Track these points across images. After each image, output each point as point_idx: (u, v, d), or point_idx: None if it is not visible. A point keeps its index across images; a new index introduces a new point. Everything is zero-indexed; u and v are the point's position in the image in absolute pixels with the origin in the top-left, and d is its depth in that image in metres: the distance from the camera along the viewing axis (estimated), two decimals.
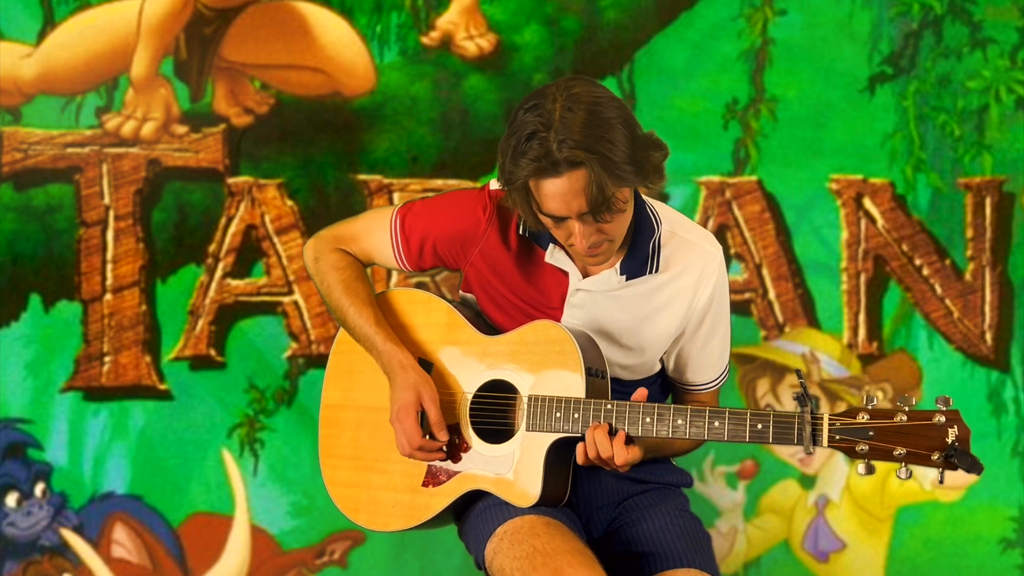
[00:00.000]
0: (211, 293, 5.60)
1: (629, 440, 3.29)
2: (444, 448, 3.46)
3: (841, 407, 5.59)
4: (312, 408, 5.52)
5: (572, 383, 3.34)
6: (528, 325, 3.42)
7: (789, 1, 5.64)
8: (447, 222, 3.51)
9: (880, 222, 5.65)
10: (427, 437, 3.46)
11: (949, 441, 3.09)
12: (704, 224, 5.54)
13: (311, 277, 3.65)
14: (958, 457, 3.08)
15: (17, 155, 5.57)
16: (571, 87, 3.23)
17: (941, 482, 3.13)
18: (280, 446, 5.59)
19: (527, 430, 3.37)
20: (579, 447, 3.33)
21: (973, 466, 3.07)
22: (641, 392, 3.32)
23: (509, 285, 3.47)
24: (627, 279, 3.41)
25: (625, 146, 3.20)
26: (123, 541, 5.57)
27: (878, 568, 5.63)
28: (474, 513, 3.46)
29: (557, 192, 3.21)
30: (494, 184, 3.47)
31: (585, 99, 3.21)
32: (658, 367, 3.54)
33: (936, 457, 3.10)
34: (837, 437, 3.15)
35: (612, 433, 3.30)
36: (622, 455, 3.28)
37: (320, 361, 5.55)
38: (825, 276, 5.67)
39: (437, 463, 3.48)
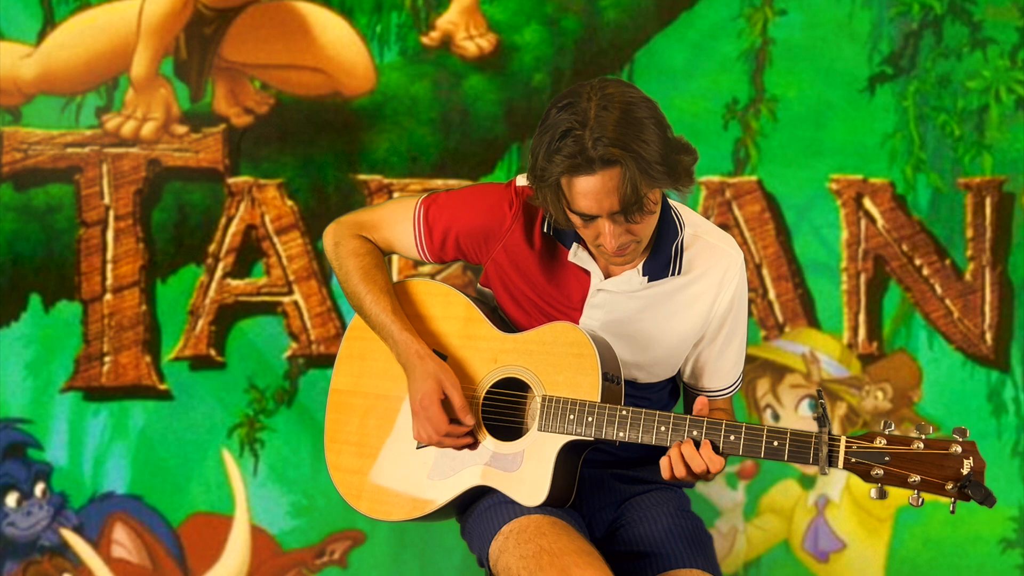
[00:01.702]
0: (211, 293, 5.60)
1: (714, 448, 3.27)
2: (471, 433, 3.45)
3: (841, 407, 5.60)
4: (312, 408, 5.51)
5: (588, 387, 3.33)
6: (547, 325, 3.42)
7: (789, 1, 5.65)
8: (472, 216, 3.51)
9: (880, 222, 5.66)
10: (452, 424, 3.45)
11: (964, 472, 3.09)
12: None
13: (330, 262, 3.64)
14: (972, 488, 3.07)
15: (17, 155, 5.57)
16: (605, 87, 3.24)
17: (952, 512, 3.13)
18: (280, 446, 5.59)
19: (539, 430, 3.37)
20: (664, 464, 3.30)
21: (987, 499, 3.07)
22: (702, 402, 3.31)
23: (530, 283, 3.46)
24: (649, 280, 3.41)
25: (658, 147, 3.21)
26: (123, 541, 5.57)
27: (878, 568, 5.63)
28: (478, 511, 3.45)
29: (590, 190, 3.21)
30: (520, 180, 3.47)
31: (619, 99, 3.22)
32: (675, 371, 3.53)
33: (950, 487, 3.10)
34: (853, 460, 3.15)
35: (697, 445, 3.27)
36: (716, 463, 3.26)
37: (320, 361, 5.55)
38: (825, 276, 5.67)
39: (443, 461, 3.48)
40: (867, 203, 5.66)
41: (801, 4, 5.65)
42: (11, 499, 5.56)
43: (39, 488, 5.56)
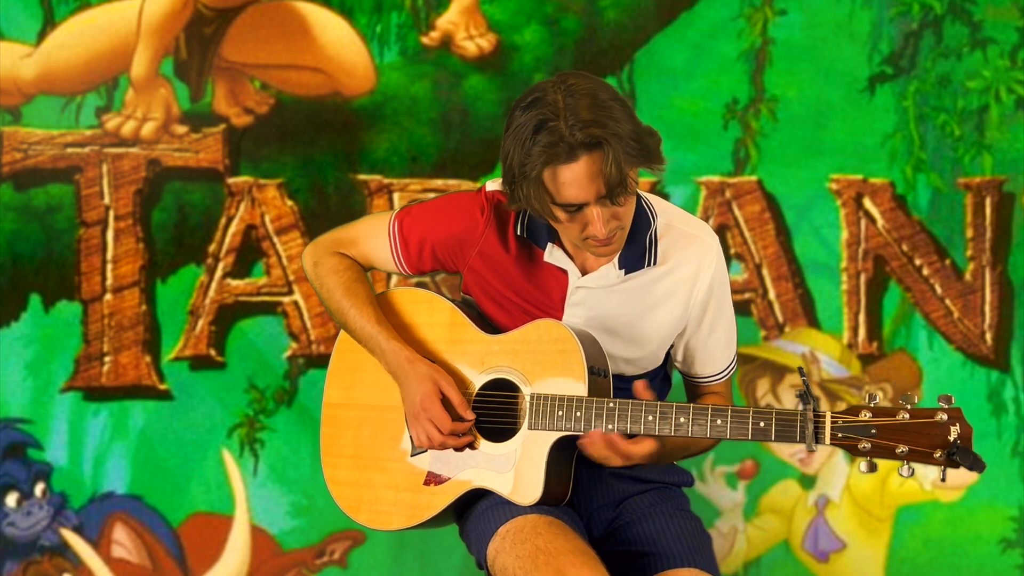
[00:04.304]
0: (211, 293, 5.60)
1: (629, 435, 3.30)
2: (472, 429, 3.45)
3: (841, 408, 5.59)
4: (312, 408, 5.52)
5: (574, 382, 3.34)
6: (530, 324, 3.42)
7: (789, 1, 5.64)
8: (445, 225, 3.52)
9: (880, 222, 5.66)
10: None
11: (951, 439, 3.10)
12: None
13: (311, 283, 3.65)
14: (960, 455, 3.08)
15: (17, 155, 5.57)
16: (565, 79, 3.26)
17: (943, 480, 3.14)
18: (280, 446, 5.59)
19: (529, 429, 3.37)
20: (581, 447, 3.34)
21: (975, 464, 3.08)
22: (641, 383, 3.32)
23: (510, 286, 3.47)
24: (626, 273, 3.42)
25: (630, 125, 3.22)
26: (123, 541, 5.57)
27: (878, 568, 5.63)
28: (476, 512, 3.45)
29: (575, 178, 3.21)
30: (491, 185, 3.49)
31: (583, 87, 3.23)
32: (661, 360, 3.54)
33: (938, 455, 3.11)
34: (839, 435, 3.16)
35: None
36: (613, 461, 3.30)
37: (320, 361, 5.55)
38: (825, 276, 5.67)
39: (438, 466, 3.49)
40: (867, 203, 5.65)
41: (801, 4, 5.65)
42: (11, 499, 5.56)
43: (39, 488, 5.56)
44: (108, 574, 5.57)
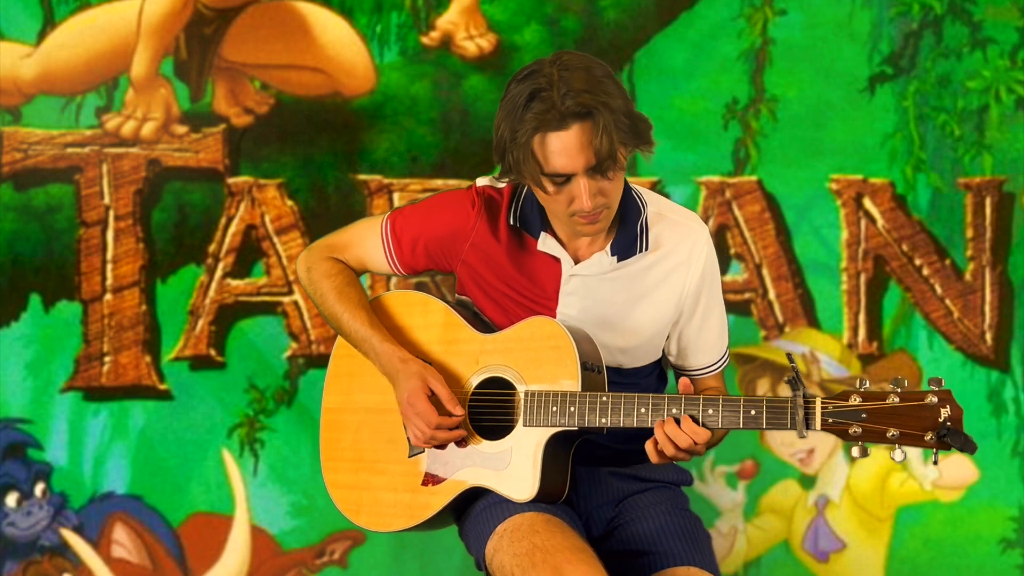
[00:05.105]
0: (211, 293, 5.60)
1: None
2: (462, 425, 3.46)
3: None
4: (312, 408, 5.52)
5: (568, 378, 3.35)
6: (524, 322, 3.43)
7: (789, 1, 5.65)
8: (437, 221, 3.54)
9: (880, 222, 5.66)
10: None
11: (941, 420, 3.09)
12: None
13: (305, 289, 3.67)
14: (951, 436, 3.08)
15: (17, 155, 5.57)
16: (560, 56, 3.29)
17: (935, 463, 3.14)
18: (280, 446, 5.59)
19: (524, 425, 3.38)
20: (650, 449, 3.31)
21: (966, 444, 3.07)
22: (685, 382, 3.32)
23: (502, 278, 3.48)
24: (618, 260, 3.43)
25: (623, 101, 3.26)
26: (123, 541, 5.57)
27: (878, 568, 5.63)
28: (474, 512, 3.46)
29: (564, 147, 3.23)
30: (481, 181, 3.51)
31: (578, 62, 3.27)
32: (658, 354, 3.54)
33: (929, 437, 3.10)
34: (830, 420, 3.16)
35: (677, 422, 3.28)
36: (700, 435, 3.26)
37: (320, 361, 5.55)
38: (825, 276, 5.67)
39: (435, 467, 3.49)
40: (867, 203, 5.65)
41: (801, 4, 5.65)
42: (11, 499, 5.56)
43: (39, 488, 5.56)
44: (108, 574, 5.57)
